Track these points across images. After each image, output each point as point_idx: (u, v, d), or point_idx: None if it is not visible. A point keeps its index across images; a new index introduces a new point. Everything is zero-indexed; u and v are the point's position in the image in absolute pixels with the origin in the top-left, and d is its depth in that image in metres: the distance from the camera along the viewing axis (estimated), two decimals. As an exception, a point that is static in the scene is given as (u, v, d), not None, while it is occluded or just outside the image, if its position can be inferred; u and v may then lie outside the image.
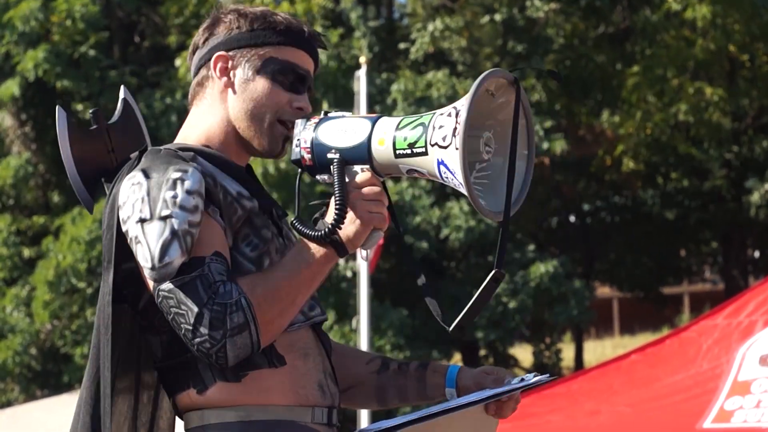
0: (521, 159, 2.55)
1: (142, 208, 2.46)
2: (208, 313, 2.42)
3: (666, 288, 24.95)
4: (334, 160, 2.50)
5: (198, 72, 2.69)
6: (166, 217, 2.43)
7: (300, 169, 2.59)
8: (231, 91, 2.65)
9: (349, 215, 2.48)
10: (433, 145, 2.42)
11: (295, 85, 2.65)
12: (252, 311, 2.43)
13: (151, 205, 2.45)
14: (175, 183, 2.45)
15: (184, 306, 2.43)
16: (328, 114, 2.58)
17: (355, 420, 12.11)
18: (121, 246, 2.52)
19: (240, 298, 2.43)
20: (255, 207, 2.60)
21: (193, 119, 2.69)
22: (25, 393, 18.24)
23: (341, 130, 2.53)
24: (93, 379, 2.55)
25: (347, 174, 2.50)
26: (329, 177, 2.52)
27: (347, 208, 2.47)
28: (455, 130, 2.39)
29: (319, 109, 2.65)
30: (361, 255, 2.55)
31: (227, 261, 2.50)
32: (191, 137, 2.66)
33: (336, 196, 2.47)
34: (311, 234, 2.48)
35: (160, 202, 2.44)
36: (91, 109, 2.74)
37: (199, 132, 2.66)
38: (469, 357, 19.63)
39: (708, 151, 20.78)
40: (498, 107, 2.52)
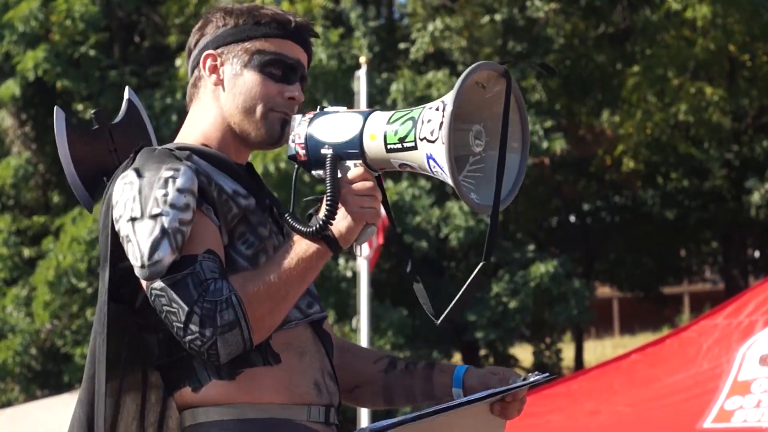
0: (514, 152, 2.53)
1: (133, 207, 2.46)
2: (198, 310, 2.42)
3: (666, 288, 24.95)
4: (327, 156, 2.50)
5: (192, 73, 2.70)
6: (156, 216, 2.44)
7: (296, 165, 2.59)
8: (221, 88, 2.65)
9: (340, 211, 2.48)
10: (422, 139, 2.41)
11: (285, 75, 2.65)
12: (242, 308, 2.43)
13: (142, 204, 2.45)
14: (166, 181, 2.46)
15: (176, 304, 2.44)
16: (324, 109, 2.58)
17: (355, 420, 12.10)
18: (116, 245, 2.53)
19: (230, 296, 2.43)
20: (251, 205, 2.60)
21: (191, 120, 2.70)
22: (26, 393, 18.22)
23: (334, 126, 2.53)
24: (90, 378, 2.56)
25: (340, 169, 2.50)
26: (324, 172, 2.52)
27: (338, 203, 2.47)
28: (441, 124, 2.39)
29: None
30: (355, 251, 2.55)
31: (220, 259, 2.50)
32: (190, 137, 2.67)
33: (327, 191, 2.47)
34: (303, 230, 2.48)
35: (151, 200, 2.45)
36: (92, 110, 2.76)
37: (197, 132, 2.67)
38: (469, 357, 19.62)
39: (708, 151, 20.77)
40: (490, 100, 2.50)
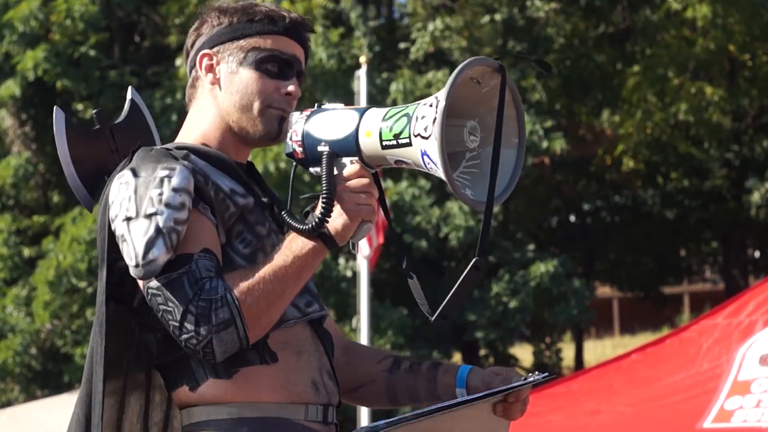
0: (511, 147, 2.52)
1: (129, 207, 2.47)
2: (193, 309, 2.42)
3: (666, 288, 24.95)
4: (324, 153, 2.49)
5: (190, 74, 2.70)
6: (151, 215, 2.44)
7: (294, 162, 2.59)
8: (218, 87, 2.65)
9: (336, 208, 2.47)
10: (416, 135, 2.41)
11: (282, 71, 2.65)
12: (237, 306, 2.43)
13: (138, 204, 2.46)
14: (161, 181, 2.46)
15: (171, 303, 2.44)
16: (322, 106, 2.57)
17: (355, 419, 12.10)
18: (112, 245, 2.53)
19: (225, 294, 2.43)
20: (249, 203, 2.59)
21: (190, 120, 2.70)
22: (26, 393, 18.22)
23: (331, 123, 2.53)
24: (89, 378, 2.56)
25: (337, 166, 2.50)
26: (320, 170, 2.51)
27: (334, 201, 2.46)
28: (434, 120, 2.38)
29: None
30: (351, 248, 2.54)
31: (217, 257, 2.50)
32: (189, 138, 2.67)
33: (323, 189, 2.46)
34: (299, 227, 2.48)
35: (147, 200, 2.45)
36: (92, 110, 2.77)
37: (197, 132, 2.67)
38: (470, 357, 19.62)
39: (708, 151, 20.77)
40: (486, 95, 2.49)
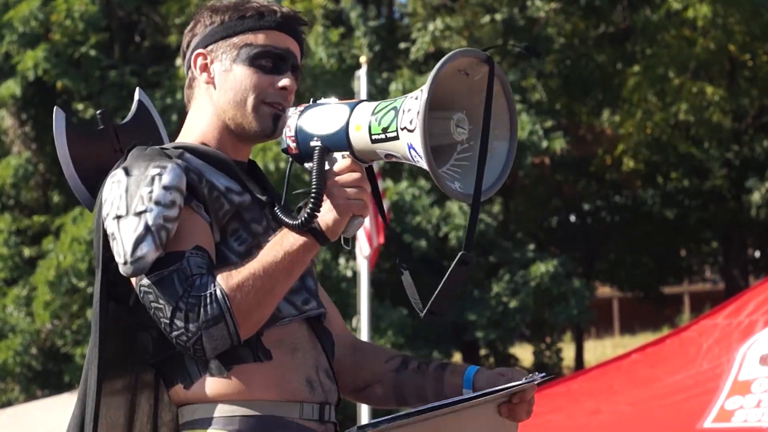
0: (503, 140, 2.51)
1: (119, 205, 2.47)
2: (183, 306, 2.43)
3: (666, 288, 24.97)
4: (316, 148, 2.49)
5: (187, 75, 2.71)
6: (140, 213, 2.45)
7: (289, 158, 2.58)
8: (213, 85, 2.66)
9: (326, 203, 2.46)
10: (403, 129, 2.40)
11: (276, 66, 2.65)
12: (227, 302, 2.43)
13: (128, 202, 2.47)
14: (152, 179, 2.47)
15: (162, 300, 2.44)
16: (316, 101, 2.57)
17: (356, 418, 12.10)
18: (107, 244, 2.53)
19: (215, 290, 2.43)
20: (245, 201, 2.59)
21: (189, 121, 2.71)
22: (26, 393, 18.23)
23: (323, 118, 2.52)
24: (86, 378, 2.56)
25: (329, 161, 2.49)
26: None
27: (323, 195, 2.46)
28: (418, 113, 2.37)
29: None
30: (343, 243, 2.53)
31: (209, 255, 2.50)
32: (188, 138, 2.68)
33: (312, 184, 2.46)
34: (290, 223, 2.48)
35: (137, 198, 2.46)
36: (92, 110, 2.77)
37: (196, 132, 2.67)
38: (470, 357, 19.62)
39: (708, 151, 20.78)
40: (475, 87, 2.48)
